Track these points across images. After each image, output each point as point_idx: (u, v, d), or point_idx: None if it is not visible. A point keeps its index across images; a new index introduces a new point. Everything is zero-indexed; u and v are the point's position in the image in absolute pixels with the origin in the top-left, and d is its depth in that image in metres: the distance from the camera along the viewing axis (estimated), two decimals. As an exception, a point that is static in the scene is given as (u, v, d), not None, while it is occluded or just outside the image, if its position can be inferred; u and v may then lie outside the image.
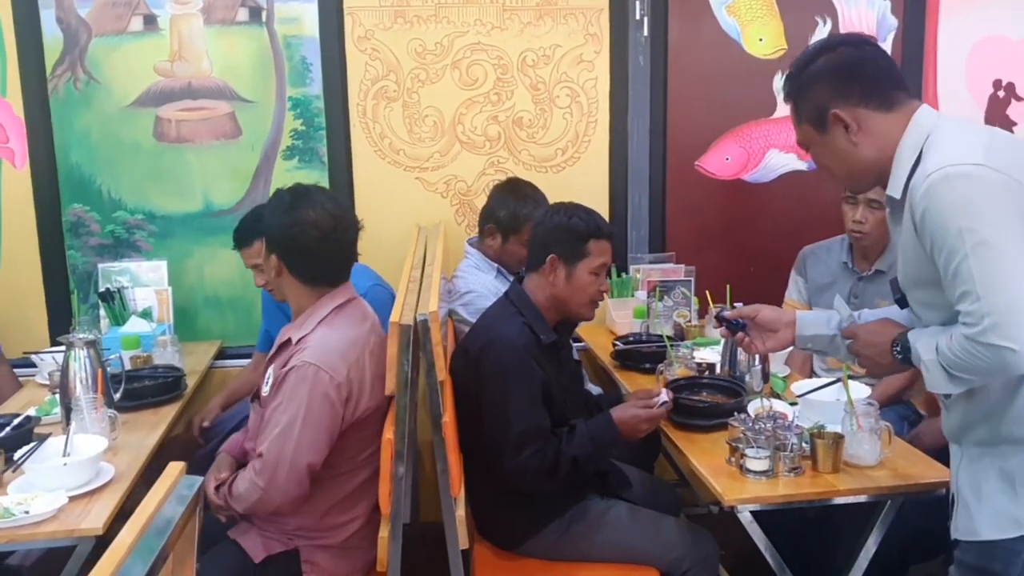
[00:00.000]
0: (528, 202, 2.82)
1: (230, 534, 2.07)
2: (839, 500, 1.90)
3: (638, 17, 3.23)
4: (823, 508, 1.99)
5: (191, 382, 2.73)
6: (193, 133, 3.16)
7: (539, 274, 2.20)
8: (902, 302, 1.65)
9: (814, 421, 2.06)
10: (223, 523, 2.08)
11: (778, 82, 3.31)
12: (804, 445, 1.98)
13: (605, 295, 2.28)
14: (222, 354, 3.21)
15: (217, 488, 2.04)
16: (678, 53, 3.29)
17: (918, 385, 2.71)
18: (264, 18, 3.13)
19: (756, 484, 1.91)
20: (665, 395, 2.15)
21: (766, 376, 2.47)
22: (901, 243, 1.58)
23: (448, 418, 1.91)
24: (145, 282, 3.11)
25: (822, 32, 3.31)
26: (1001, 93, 3.43)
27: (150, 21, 3.09)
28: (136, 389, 2.52)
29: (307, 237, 2.03)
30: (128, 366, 2.67)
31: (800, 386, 2.33)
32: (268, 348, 2.86)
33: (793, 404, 2.26)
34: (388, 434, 1.85)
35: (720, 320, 1.94)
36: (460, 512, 1.89)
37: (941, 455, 2.00)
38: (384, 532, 1.88)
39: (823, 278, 2.87)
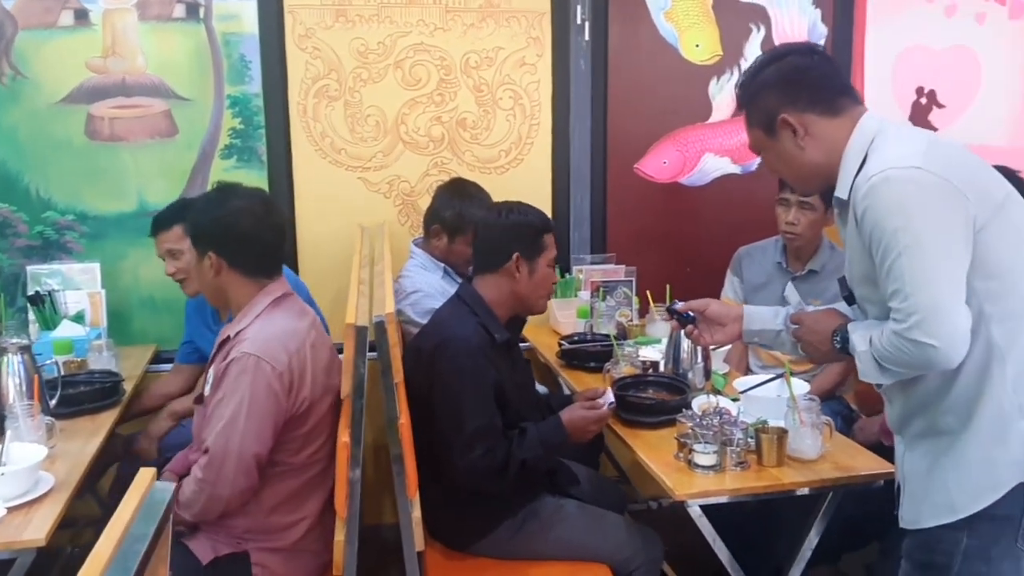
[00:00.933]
0: (474, 202, 2.83)
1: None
2: (784, 493, 1.96)
3: (579, 21, 3.27)
4: (764, 501, 2.05)
5: (128, 387, 2.66)
6: (127, 131, 3.07)
7: (497, 274, 2.22)
8: (850, 299, 1.73)
9: (757, 417, 2.13)
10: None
11: (714, 87, 3.39)
12: (749, 440, 2.04)
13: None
14: (158, 358, 3.12)
15: None
16: (618, 58, 3.35)
17: (850, 381, 2.83)
18: (202, 14, 3.06)
19: (704, 479, 1.96)
20: (610, 395, 2.20)
21: (708, 373, 2.53)
22: (847, 242, 1.65)
23: (404, 420, 1.90)
24: (77, 284, 3.01)
25: (756, 38, 3.41)
26: (923, 100, 3.60)
27: (81, 16, 2.99)
28: (72, 395, 2.44)
29: (242, 225, 2.06)
30: (61, 371, 2.57)
31: (742, 382, 2.41)
32: (188, 359, 2.83)
33: (735, 400, 2.32)
34: (344, 437, 1.84)
35: (671, 313, 2.00)
36: (416, 514, 1.89)
37: (874, 451, 2.10)
38: (340, 536, 1.86)
39: (758, 278, 2.95)
